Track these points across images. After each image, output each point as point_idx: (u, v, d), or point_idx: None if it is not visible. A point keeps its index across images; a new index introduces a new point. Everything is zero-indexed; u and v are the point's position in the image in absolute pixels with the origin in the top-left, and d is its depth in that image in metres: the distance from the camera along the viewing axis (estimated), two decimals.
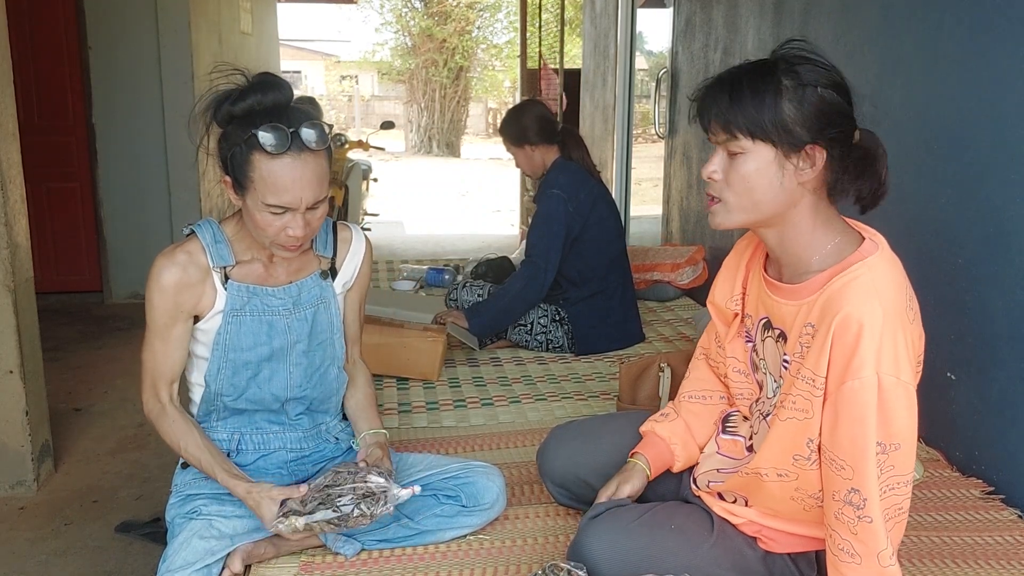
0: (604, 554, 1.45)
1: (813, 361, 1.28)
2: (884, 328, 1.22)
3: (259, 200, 1.50)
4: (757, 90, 1.28)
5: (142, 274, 1.64)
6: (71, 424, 3.42)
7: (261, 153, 1.46)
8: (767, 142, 1.29)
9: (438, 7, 18.76)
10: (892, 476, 1.23)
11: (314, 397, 1.74)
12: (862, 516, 1.23)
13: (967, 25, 2.06)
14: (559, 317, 3.01)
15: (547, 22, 7.72)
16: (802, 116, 1.27)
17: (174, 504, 1.66)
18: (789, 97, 1.27)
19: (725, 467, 1.55)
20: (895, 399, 1.22)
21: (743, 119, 1.29)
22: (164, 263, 1.58)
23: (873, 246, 1.31)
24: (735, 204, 1.35)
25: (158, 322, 1.60)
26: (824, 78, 1.29)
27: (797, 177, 1.30)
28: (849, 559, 1.26)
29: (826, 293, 1.29)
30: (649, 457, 1.63)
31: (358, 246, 1.78)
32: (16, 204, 2.71)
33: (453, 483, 1.75)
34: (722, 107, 1.31)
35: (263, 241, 1.58)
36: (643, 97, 5.82)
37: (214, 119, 1.52)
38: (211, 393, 1.66)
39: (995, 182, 1.97)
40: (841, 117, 1.29)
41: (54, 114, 4.99)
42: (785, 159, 1.29)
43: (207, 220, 1.65)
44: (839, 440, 1.25)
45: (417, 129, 19.26)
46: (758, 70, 1.30)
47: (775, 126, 1.27)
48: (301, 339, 1.68)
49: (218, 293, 1.61)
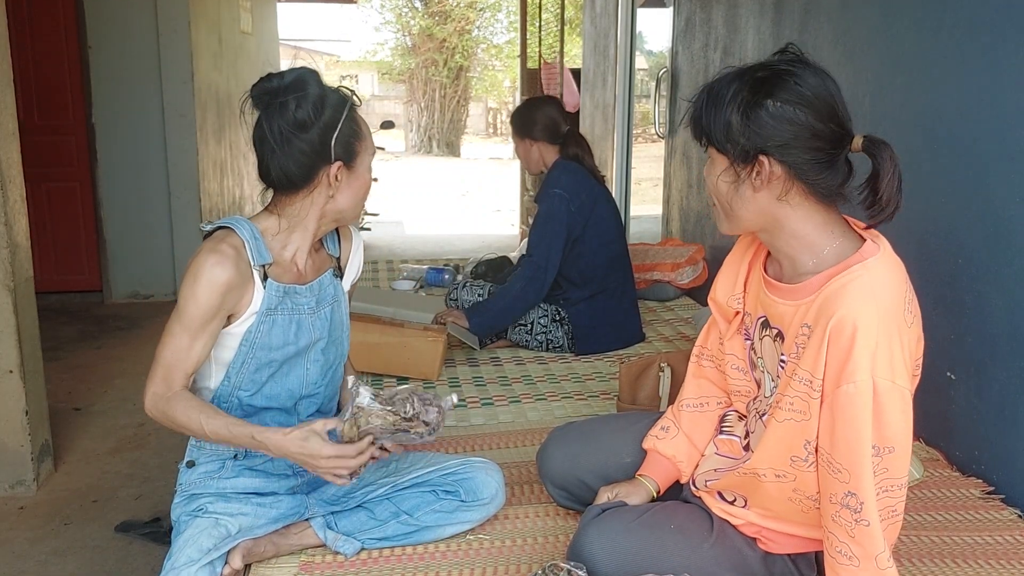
0: (604, 554, 1.45)
1: (810, 362, 1.28)
2: (879, 331, 1.22)
3: (369, 152, 1.63)
4: (719, 99, 1.33)
5: (142, 274, 1.63)
6: (71, 424, 3.42)
7: (356, 111, 1.61)
8: (719, 151, 1.35)
9: (438, 7, 18.76)
10: (886, 479, 1.23)
11: (326, 395, 1.75)
12: (859, 520, 1.23)
13: (967, 25, 2.06)
14: (559, 317, 3.01)
15: (547, 22, 7.71)
16: (746, 127, 1.30)
17: (179, 503, 1.66)
18: (740, 108, 1.30)
19: (723, 467, 1.55)
20: (890, 403, 1.22)
21: (702, 126, 1.36)
22: (215, 259, 1.50)
23: (874, 248, 1.31)
24: (719, 210, 1.42)
25: (195, 318, 1.50)
26: (792, 94, 1.28)
27: (753, 187, 1.33)
28: (847, 562, 1.26)
29: (823, 294, 1.29)
30: (657, 478, 1.63)
31: (357, 243, 1.82)
32: (16, 204, 2.71)
33: (452, 479, 1.75)
34: (696, 111, 1.38)
35: (357, 209, 1.67)
36: (643, 97, 5.82)
37: (299, 109, 1.52)
38: (229, 387, 1.61)
39: (995, 182, 1.97)
40: (793, 128, 1.28)
41: (54, 114, 4.99)
42: (738, 168, 1.34)
43: (238, 218, 1.60)
44: (836, 443, 1.25)
45: (417, 129, 19.27)
46: (731, 81, 1.33)
47: (720, 134, 1.33)
48: (322, 337, 1.69)
49: (256, 293, 1.58)
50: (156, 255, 5.15)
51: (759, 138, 1.30)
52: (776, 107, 1.28)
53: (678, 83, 4.48)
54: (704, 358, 1.69)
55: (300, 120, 1.52)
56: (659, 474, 1.63)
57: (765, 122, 1.29)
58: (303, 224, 1.62)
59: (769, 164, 1.30)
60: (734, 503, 1.50)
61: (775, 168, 1.31)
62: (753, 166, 1.32)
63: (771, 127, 1.29)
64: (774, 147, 1.29)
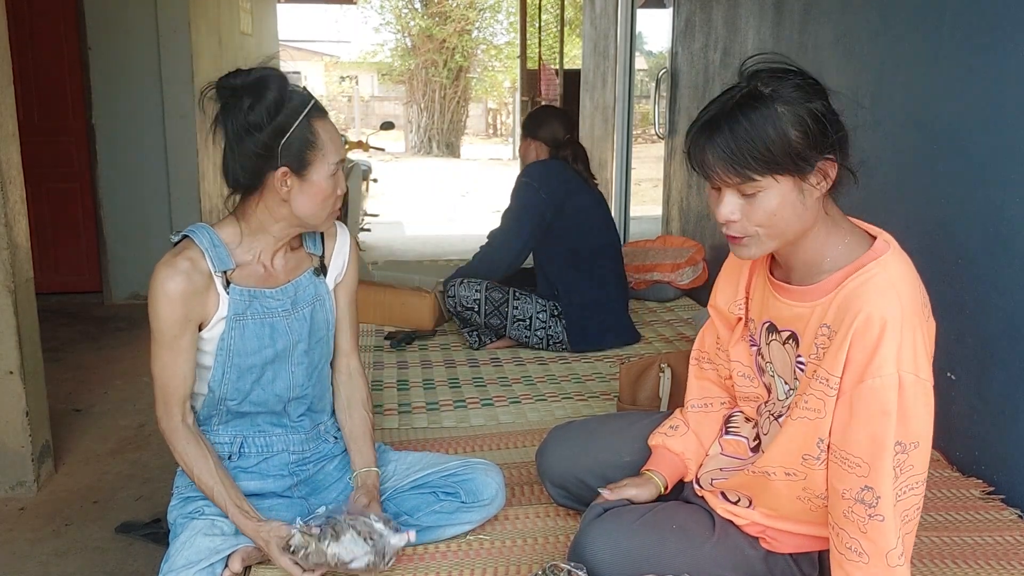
0: (605, 554, 1.44)
1: (830, 362, 1.28)
2: (904, 326, 1.22)
3: (327, 164, 1.57)
4: (756, 126, 1.24)
5: (142, 274, 1.64)
6: (71, 424, 3.42)
7: (320, 118, 1.57)
8: (784, 174, 1.26)
9: (438, 7, 18.76)
10: (911, 476, 1.23)
11: (314, 396, 1.74)
12: (874, 515, 1.23)
13: (967, 25, 2.06)
14: (557, 312, 3.04)
15: (547, 23, 7.73)
16: (808, 138, 1.25)
17: (176, 505, 1.66)
18: (790, 123, 1.25)
19: (729, 467, 1.55)
20: (915, 397, 1.22)
21: (755, 160, 1.25)
22: (168, 272, 1.56)
23: (885, 245, 1.31)
24: (765, 235, 1.32)
25: (166, 333, 1.56)
26: (807, 90, 1.27)
27: (817, 193, 1.30)
28: (857, 558, 1.26)
29: (842, 293, 1.28)
30: (665, 473, 1.62)
31: (343, 239, 1.80)
32: (16, 205, 2.71)
33: (452, 480, 1.75)
34: (726, 152, 1.26)
35: (318, 218, 1.62)
36: (643, 97, 5.82)
37: (252, 112, 1.52)
38: (215, 398, 1.64)
39: (995, 182, 1.97)
40: (834, 120, 1.28)
41: (54, 114, 4.99)
42: (803, 182, 1.28)
43: (200, 225, 1.63)
44: (854, 437, 1.25)
45: (417, 129, 19.26)
46: (747, 103, 1.26)
47: (789, 157, 1.25)
48: (302, 339, 1.68)
49: (221, 299, 1.60)
50: (156, 256, 4.98)
51: (823, 140, 1.26)
52: (816, 106, 1.26)
53: (678, 83, 4.48)
54: (704, 361, 1.69)
55: (252, 122, 1.52)
56: (667, 469, 1.62)
57: (819, 125, 1.25)
58: (264, 229, 1.63)
59: (829, 166, 1.28)
60: (738, 503, 1.49)
61: (831, 168, 1.28)
62: (818, 173, 1.28)
63: (825, 127, 1.26)
64: (834, 144, 1.27)
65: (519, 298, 3.04)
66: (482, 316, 3.02)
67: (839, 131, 1.29)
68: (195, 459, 1.59)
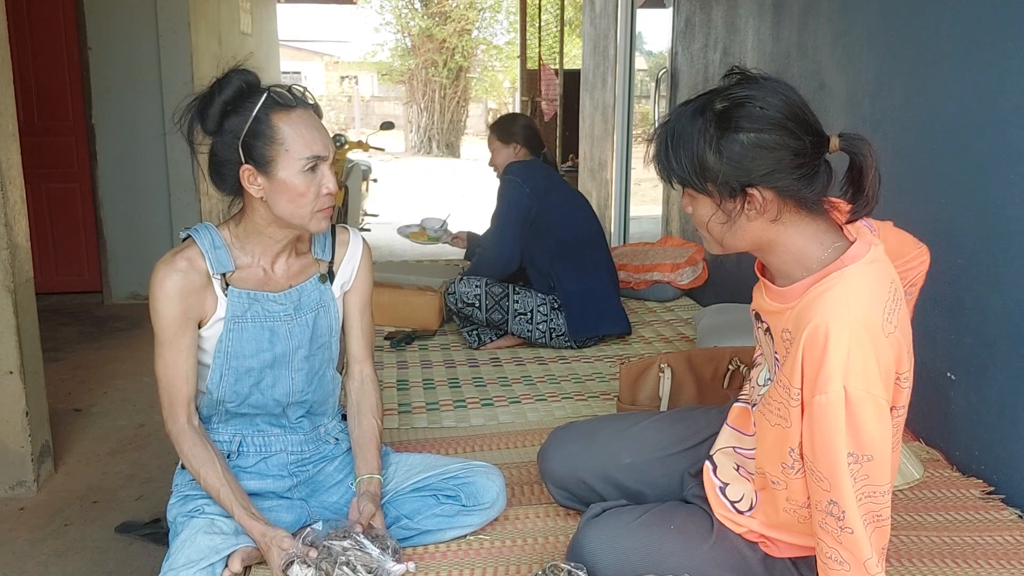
0: (604, 554, 1.45)
1: (789, 368, 1.27)
2: (852, 341, 1.20)
3: (294, 160, 1.52)
4: (686, 143, 1.28)
5: (142, 274, 1.65)
6: (71, 424, 3.42)
7: (280, 112, 1.53)
8: (699, 191, 1.31)
9: (438, 7, 18.77)
10: (867, 485, 1.22)
11: (314, 400, 1.74)
12: (844, 527, 1.22)
13: (967, 25, 2.06)
14: (557, 305, 3.07)
15: (547, 23, 7.73)
16: (728, 166, 1.26)
17: (175, 504, 1.66)
18: (713, 148, 1.26)
19: (741, 447, 1.53)
20: (863, 411, 1.19)
21: (676, 174, 1.31)
22: (166, 271, 1.57)
23: (856, 254, 1.28)
24: (707, 239, 1.39)
25: (167, 332, 1.57)
26: (760, 121, 1.25)
27: (747, 218, 1.30)
28: (838, 566, 1.25)
29: (803, 302, 1.28)
30: None
31: (355, 247, 1.79)
32: (16, 204, 2.71)
33: (453, 483, 1.74)
34: (661, 159, 1.33)
35: (301, 218, 1.57)
36: (643, 97, 5.82)
37: (206, 118, 1.55)
38: (213, 399, 1.65)
39: (995, 182, 1.97)
40: (774, 153, 1.25)
41: (54, 114, 4.99)
42: (727, 204, 1.30)
43: (204, 225, 1.64)
44: (814, 451, 1.25)
45: (417, 129, 19.27)
46: (691, 118, 1.29)
47: (701, 179, 1.29)
48: (302, 344, 1.68)
49: (219, 300, 1.60)
50: (156, 256, 5.01)
51: (742, 172, 1.26)
52: (749, 138, 1.25)
53: (678, 83, 4.48)
54: None
55: (210, 126, 1.55)
56: None
57: (743, 156, 1.25)
58: (258, 231, 1.62)
59: (760, 193, 1.27)
60: (740, 501, 1.49)
61: (766, 194, 1.27)
62: (743, 200, 1.28)
63: (750, 159, 1.25)
64: (759, 177, 1.26)
65: (519, 292, 3.07)
66: (483, 312, 3.03)
67: (775, 162, 1.25)
68: (202, 462, 1.59)
